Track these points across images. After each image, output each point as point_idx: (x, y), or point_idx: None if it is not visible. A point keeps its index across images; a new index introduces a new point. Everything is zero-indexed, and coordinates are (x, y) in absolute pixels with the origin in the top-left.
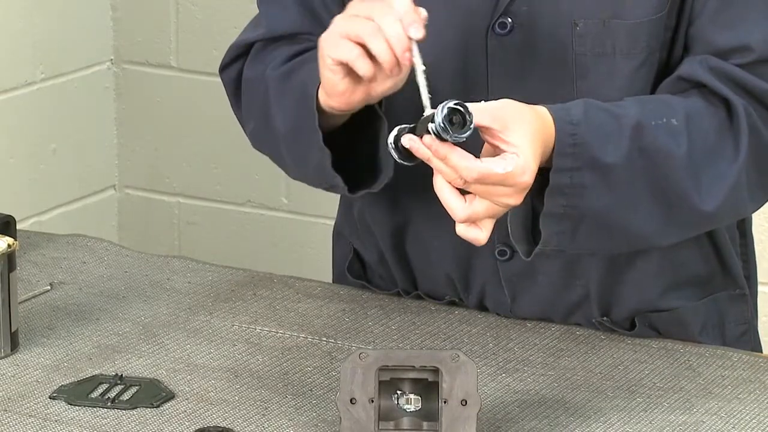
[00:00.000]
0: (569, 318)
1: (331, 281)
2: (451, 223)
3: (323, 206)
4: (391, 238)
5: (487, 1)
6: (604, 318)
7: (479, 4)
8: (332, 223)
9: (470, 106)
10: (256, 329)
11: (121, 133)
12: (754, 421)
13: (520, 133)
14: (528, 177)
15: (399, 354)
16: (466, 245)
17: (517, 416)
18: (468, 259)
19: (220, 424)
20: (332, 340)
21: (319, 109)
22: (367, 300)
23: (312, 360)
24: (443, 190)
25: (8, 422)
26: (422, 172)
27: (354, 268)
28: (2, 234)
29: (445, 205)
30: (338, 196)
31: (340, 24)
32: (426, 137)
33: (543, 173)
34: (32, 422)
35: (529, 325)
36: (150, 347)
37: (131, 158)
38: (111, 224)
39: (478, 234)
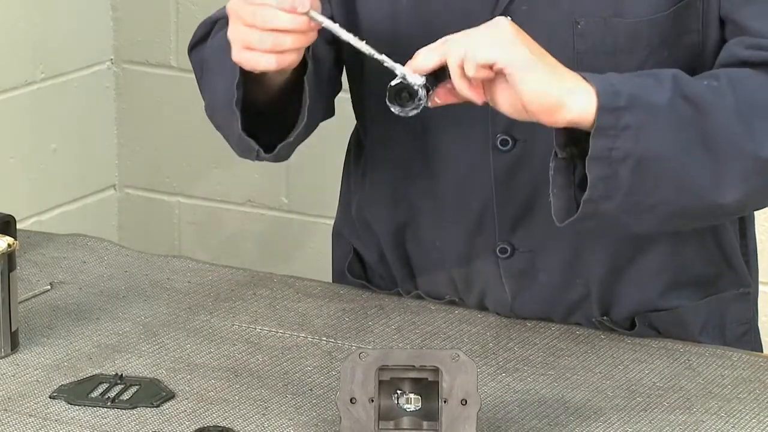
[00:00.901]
0: (569, 317)
1: (331, 281)
2: (452, 221)
3: (323, 206)
4: (391, 237)
5: (486, 1)
6: (604, 317)
7: (478, 5)
8: (332, 222)
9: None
10: (256, 329)
11: (121, 133)
12: (754, 420)
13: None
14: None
15: (399, 354)
16: (467, 244)
17: (517, 416)
18: (469, 258)
19: (220, 424)
20: (332, 340)
21: (253, 77)
22: (367, 300)
23: (312, 359)
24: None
25: (8, 422)
26: (423, 172)
27: (354, 268)
28: (2, 234)
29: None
30: (338, 195)
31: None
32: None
33: (582, 132)
34: (32, 422)
35: (528, 324)
36: (150, 347)
37: (131, 158)
38: (111, 224)
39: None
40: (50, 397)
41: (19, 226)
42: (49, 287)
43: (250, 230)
